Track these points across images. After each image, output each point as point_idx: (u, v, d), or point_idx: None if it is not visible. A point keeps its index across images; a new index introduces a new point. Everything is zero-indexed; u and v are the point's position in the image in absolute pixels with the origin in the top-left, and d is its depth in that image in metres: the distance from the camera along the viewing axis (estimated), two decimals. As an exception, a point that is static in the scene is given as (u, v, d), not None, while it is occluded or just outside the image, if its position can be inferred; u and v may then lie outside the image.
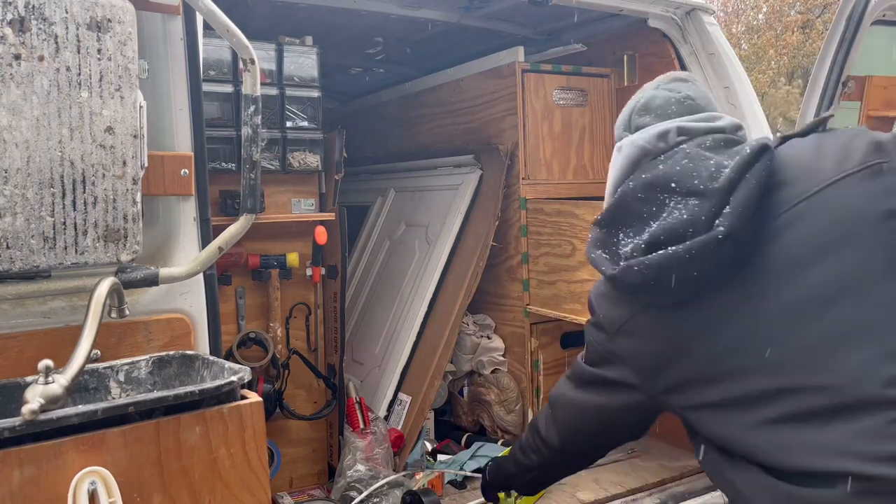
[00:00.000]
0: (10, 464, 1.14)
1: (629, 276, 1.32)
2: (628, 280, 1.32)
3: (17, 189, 1.36)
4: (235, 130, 2.45)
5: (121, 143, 1.47)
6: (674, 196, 1.32)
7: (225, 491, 1.34)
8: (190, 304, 1.74)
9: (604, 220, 1.44)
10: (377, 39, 3.35)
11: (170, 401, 1.30)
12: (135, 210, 1.50)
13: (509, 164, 3.00)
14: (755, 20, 17.35)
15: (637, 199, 1.37)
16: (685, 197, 1.30)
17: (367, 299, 3.49)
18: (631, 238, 1.36)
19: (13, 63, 1.34)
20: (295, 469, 2.75)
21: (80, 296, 1.60)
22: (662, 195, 1.33)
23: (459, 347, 3.10)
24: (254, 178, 1.67)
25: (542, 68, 3.04)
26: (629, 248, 1.34)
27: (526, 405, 3.00)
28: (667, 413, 1.54)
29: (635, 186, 1.38)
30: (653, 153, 1.42)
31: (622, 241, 1.38)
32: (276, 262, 2.62)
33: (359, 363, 3.24)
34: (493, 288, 3.15)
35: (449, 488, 2.67)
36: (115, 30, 1.45)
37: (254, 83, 1.63)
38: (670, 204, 1.32)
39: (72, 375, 1.23)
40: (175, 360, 1.60)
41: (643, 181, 1.37)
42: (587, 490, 2.59)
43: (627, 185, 1.40)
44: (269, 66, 2.57)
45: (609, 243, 1.41)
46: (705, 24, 2.84)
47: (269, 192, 2.56)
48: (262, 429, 1.40)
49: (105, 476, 1.20)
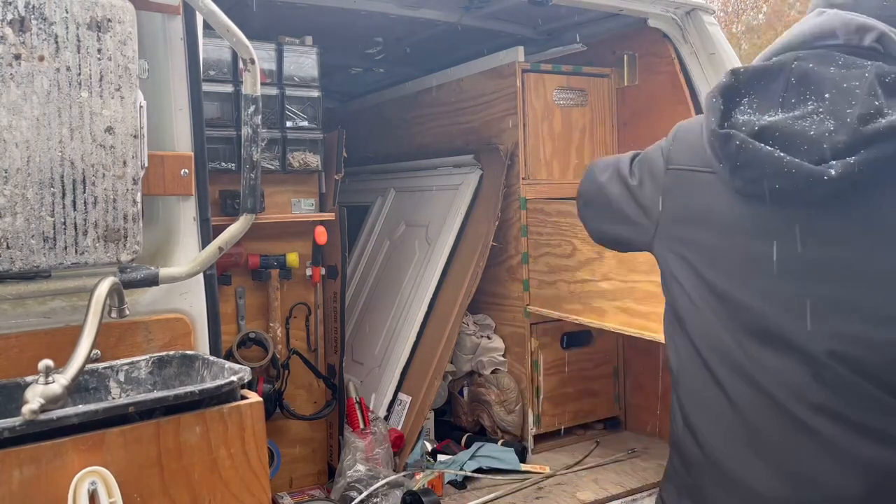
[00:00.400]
0: (10, 464, 1.14)
1: (727, 145, 1.28)
2: (723, 148, 1.28)
3: (17, 189, 1.36)
4: (235, 130, 2.45)
5: (121, 142, 1.47)
6: (819, 103, 1.24)
7: (225, 491, 1.34)
8: (190, 304, 1.74)
9: (742, 76, 1.35)
10: (377, 39, 3.35)
11: (170, 401, 1.30)
12: (135, 210, 1.50)
13: (509, 164, 3.00)
14: (755, 20, 17.34)
15: (787, 80, 1.28)
16: (827, 114, 1.22)
17: (367, 299, 3.49)
18: (751, 112, 1.30)
19: (13, 63, 1.34)
20: (295, 469, 2.75)
21: (80, 296, 1.60)
22: (809, 95, 1.25)
23: (459, 347, 3.10)
24: (254, 178, 1.67)
25: (542, 68, 3.04)
26: (742, 119, 1.29)
27: (526, 405, 3.00)
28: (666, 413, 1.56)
29: (796, 67, 1.28)
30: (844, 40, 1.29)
31: (741, 105, 1.32)
32: (276, 262, 2.62)
33: (359, 363, 3.24)
34: (493, 288, 3.15)
35: (449, 488, 2.67)
36: (116, 30, 1.45)
37: (254, 83, 1.63)
38: (808, 107, 1.24)
39: (72, 375, 1.23)
40: (175, 361, 1.60)
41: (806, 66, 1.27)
42: (587, 490, 2.59)
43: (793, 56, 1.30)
44: (269, 66, 2.57)
45: (730, 99, 1.34)
46: (705, 23, 2.84)
47: (269, 192, 2.56)
48: (263, 429, 1.40)
49: (105, 476, 1.20)
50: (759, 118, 1.28)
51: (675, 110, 2.91)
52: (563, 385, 3.08)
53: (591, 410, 3.17)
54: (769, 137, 1.24)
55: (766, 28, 16.88)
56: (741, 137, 1.26)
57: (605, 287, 2.57)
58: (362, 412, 2.77)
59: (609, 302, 2.56)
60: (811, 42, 1.33)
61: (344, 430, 2.74)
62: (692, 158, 1.42)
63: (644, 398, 3.14)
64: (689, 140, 1.46)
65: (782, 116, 1.26)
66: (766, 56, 1.40)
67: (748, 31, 17.26)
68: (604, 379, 3.19)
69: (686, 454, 1.43)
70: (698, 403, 1.40)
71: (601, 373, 3.19)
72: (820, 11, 1.36)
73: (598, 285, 2.60)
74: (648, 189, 1.53)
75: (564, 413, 3.10)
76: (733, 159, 1.27)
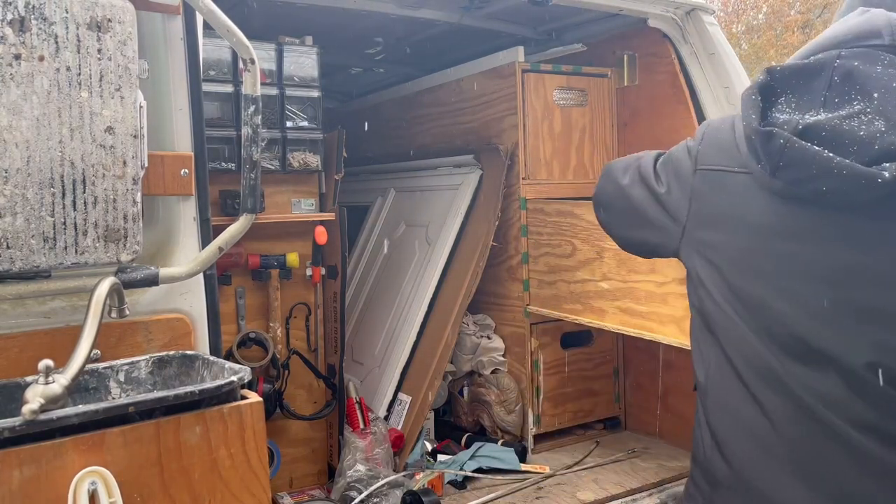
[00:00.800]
0: (11, 464, 1.14)
1: (769, 144, 1.21)
2: (765, 146, 1.22)
3: (17, 189, 1.36)
4: (235, 130, 2.45)
5: (121, 142, 1.47)
6: (867, 103, 1.18)
7: (225, 491, 1.34)
8: (190, 304, 1.74)
9: (778, 75, 1.29)
10: (377, 39, 3.35)
11: (170, 401, 1.30)
12: (135, 210, 1.50)
13: (509, 164, 3.00)
14: (755, 20, 17.34)
15: (830, 79, 1.22)
16: (875, 114, 1.17)
17: (367, 299, 3.49)
18: (790, 111, 1.25)
19: (13, 63, 1.34)
20: (295, 469, 2.75)
21: (81, 296, 1.60)
22: (855, 95, 1.20)
23: (459, 347, 3.10)
24: (254, 178, 1.67)
25: (542, 68, 3.04)
26: (781, 118, 1.24)
27: (526, 405, 3.00)
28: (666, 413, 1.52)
29: (839, 66, 1.22)
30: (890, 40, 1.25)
31: (778, 104, 1.27)
32: (276, 262, 2.62)
33: (359, 363, 3.24)
34: (493, 288, 3.15)
35: (449, 488, 2.67)
36: (116, 30, 1.45)
37: (254, 83, 1.63)
38: (855, 107, 1.19)
39: (72, 375, 1.23)
40: (175, 361, 1.60)
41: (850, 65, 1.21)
42: (587, 490, 2.59)
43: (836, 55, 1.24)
44: (269, 66, 2.57)
45: (766, 98, 1.29)
46: (705, 24, 2.84)
47: (269, 192, 2.56)
48: (262, 429, 1.40)
49: (105, 476, 1.20)
50: (801, 117, 1.22)
51: (675, 110, 2.91)
52: (563, 385, 3.08)
53: (591, 410, 3.17)
54: (814, 137, 1.18)
55: (766, 28, 16.88)
56: (785, 136, 1.19)
57: (605, 287, 2.57)
58: (362, 412, 2.77)
59: (609, 302, 2.56)
60: (853, 41, 1.26)
61: (344, 430, 2.74)
62: (723, 158, 1.36)
63: (644, 398, 3.14)
64: (719, 140, 1.40)
65: (827, 116, 1.20)
66: (803, 55, 1.33)
67: (748, 31, 17.26)
68: (604, 379, 3.19)
69: (712, 472, 1.36)
70: (728, 416, 1.33)
71: (601, 373, 3.19)
72: (863, 10, 1.31)
73: (598, 285, 2.60)
74: (675, 193, 1.46)
75: (564, 413, 3.10)
76: (776, 159, 1.21)
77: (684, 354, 2.70)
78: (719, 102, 2.85)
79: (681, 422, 2.93)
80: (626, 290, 2.48)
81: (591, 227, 2.63)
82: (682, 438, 2.93)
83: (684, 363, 2.90)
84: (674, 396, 2.98)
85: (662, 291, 2.34)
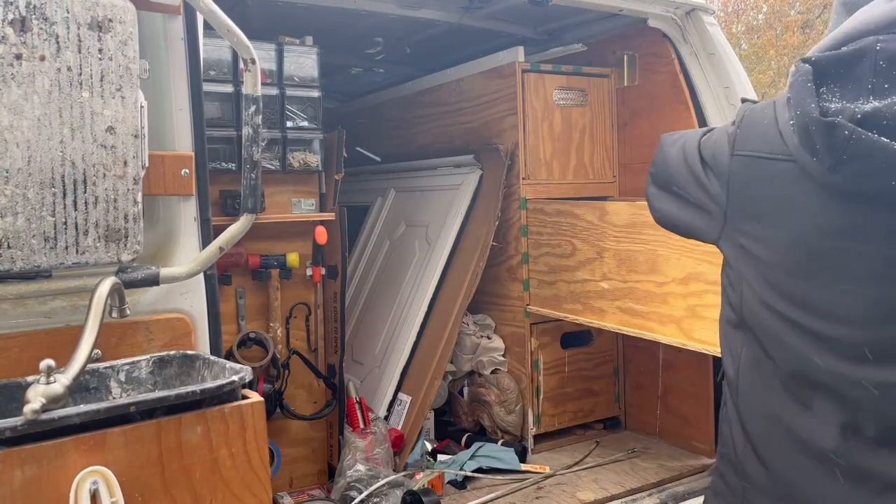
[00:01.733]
0: (12, 463, 1.14)
1: (832, 136, 1.11)
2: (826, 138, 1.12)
3: (18, 189, 1.36)
4: (236, 130, 2.45)
5: (122, 142, 1.47)
6: None
7: (226, 490, 1.35)
8: (190, 304, 1.74)
9: (817, 61, 1.20)
10: (377, 39, 3.36)
11: (171, 400, 1.30)
12: (136, 210, 1.50)
13: (509, 164, 3.00)
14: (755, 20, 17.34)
15: (875, 65, 1.14)
16: None
17: (367, 299, 3.49)
18: (842, 100, 1.15)
19: (14, 63, 1.34)
20: (295, 469, 2.75)
21: (81, 296, 1.60)
22: None
23: (459, 347, 3.10)
24: (254, 178, 1.67)
25: (542, 68, 3.04)
26: (833, 107, 1.14)
27: (526, 405, 3.00)
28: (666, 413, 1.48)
29: (882, 49, 1.14)
30: None
31: (825, 94, 1.17)
32: (277, 262, 2.62)
33: (359, 363, 3.24)
34: (493, 288, 3.15)
35: (449, 488, 2.67)
36: (116, 30, 1.45)
37: (254, 83, 1.63)
38: None
39: (73, 375, 1.23)
40: (176, 360, 1.60)
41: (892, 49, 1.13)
42: (587, 490, 2.59)
43: (874, 41, 1.16)
44: (269, 66, 2.57)
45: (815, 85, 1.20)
46: (705, 24, 2.84)
47: (269, 192, 2.56)
48: (264, 428, 1.40)
49: (107, 476, 1.20)
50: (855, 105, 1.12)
51: (675, 110, 2.92)
52: (563, 385, 3.08)
53: (591, 410, 3.17)
54: (874, 126, 1.09)
55: (766, 28, 16.89)
56: (850, 127, 1.09)
57: (605, 287, 2.57)
58: (362, 412, 2.77)
59: (609, 302, 2.57)
60: (887, 28, 1.18)
61: (344, 429, 2.75)
62: (764, 145, 1.25)
63: (644, 398, 3.14)
64: (761, 125, 1.28)
65: (882, 104, 1.10)
66: (830, 46, 1.25)
67: (748, 31, 17.26)
68: (604, 379, 3.19)
69: (745, 471, 1.30)
70: (765, 419, 1.26)
71: (601, 373, 3.19)
72: None
73: (598, 285, 2.60)
74: (713, 176, 1.35)
75: (564, 413, 3.10)
76: (839, 151, 1.10)
77: (684, 354, 2.71)
78: (719, 102, 2.85)
79: (681, 422, 2.93)
80: (626, 290, 2.48)
81: (591, 227, 2.64)
82: (681, 438, 2.93)
83: (684, 363, 2.90)
84: (674, 396, 2.99)
85: (662, 291, 2.34)
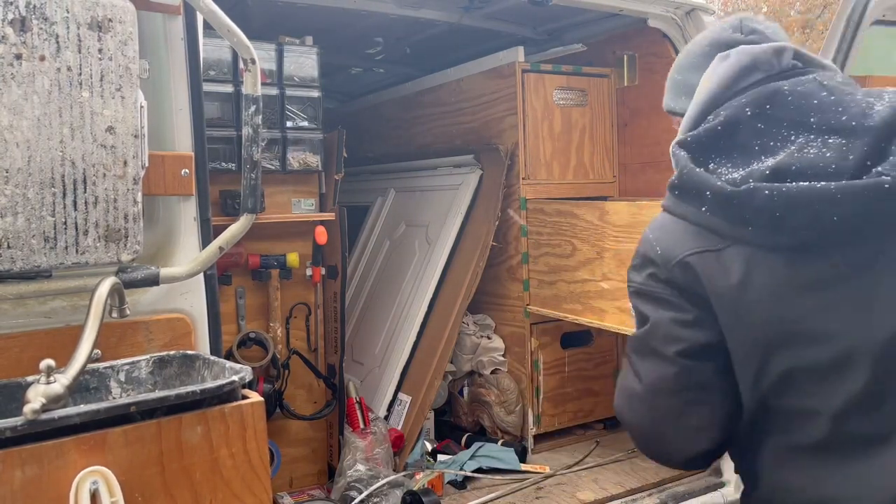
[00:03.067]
0: (12, 463, 1.14)
1: (756, 199, 1.08)
2: (753, 203, 1.08)
3: (18, 189, 1.36)
4: (236, 130, 2.45)
5: (122, 142, 1.47)
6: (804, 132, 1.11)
7: (226, 490, 1.34)
8: (190, 304, 1.74)
9: (693, 141, 1.19)
10: (377, 39, 3.36)
11: (171, 400, 1.30)
12: (135, 210, 1.50)
13: (509, 164, 3.00)
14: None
15: (752, 126, 1.15)
16: (823, 134, 1.10)
17: (367, 299, 3.49)
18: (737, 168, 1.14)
19: (14, 63, 1.34)
20: (295, 469, 2.75)
21: (81, 295, 1.60)
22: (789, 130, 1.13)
23: (459, 347, 3.10)
24: (254, 178, 1.67)
25: (542, 68, 3.04)
26: (738, 176, 1.12)
27: (526, 405, 3.00)
28: None
29: (752, 112, 1.15)
30: (766, 70, 1.20)
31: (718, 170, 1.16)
32: (277, 262, 2.62)
33: (359, 363, 3.24)
34: (493, 288, 3.15)
35: (449, 488, 2.67)
36: (116, 29, 1.45)
37: (254, 83, 1.63)
38: (798, 139, 1.11)
39: (73, 375, 1.23)
40: (176, 360, 1.60)
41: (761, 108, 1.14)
42: (587, 490, 2.59)
43: (740, 105, 1.17)
44: (269, 66, 2.57)
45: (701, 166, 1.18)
46: (705, 24, 2.83)
47: (269, 192, 2.56)
48: (264, 428, 1.40)
49: (107, 476, 1.20)
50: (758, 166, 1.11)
51: (674, 110, 2.91)
52: (563, 385, 3.08)
53: (590, 410, 3.17)
54: (787, 177, 1.08)
55: (765, 28, 16.85)
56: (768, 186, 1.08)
57: (605, 287, 2.57)
58: (362, 412, 2.77)
59: (609, 302, 2.57)
60: (735, 86, 1.21)
61: (344, 429, 2.75)
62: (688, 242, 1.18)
63: (644, 398, 3.14)
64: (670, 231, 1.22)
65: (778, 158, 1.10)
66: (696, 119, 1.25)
67: (747, 32, 17.22)
68: (604, 379, 3.19)
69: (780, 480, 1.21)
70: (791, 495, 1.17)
71: (601, 373, 3.19)
72: (723, 56, 1.25)
73: (598, 285, 2.60)
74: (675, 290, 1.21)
75: (564, 413, 3.10)
76: (769, 212, 1.07)
77: (684, 354, 2.70)
78: (719, 102, 2.85)
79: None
80: (626, 290, 2.48)
81: (591, 227, 2.64)
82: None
83: (684, 363, 2.90)
84: (674, 396, 2.98)
85: (662, 291, 2.34)
